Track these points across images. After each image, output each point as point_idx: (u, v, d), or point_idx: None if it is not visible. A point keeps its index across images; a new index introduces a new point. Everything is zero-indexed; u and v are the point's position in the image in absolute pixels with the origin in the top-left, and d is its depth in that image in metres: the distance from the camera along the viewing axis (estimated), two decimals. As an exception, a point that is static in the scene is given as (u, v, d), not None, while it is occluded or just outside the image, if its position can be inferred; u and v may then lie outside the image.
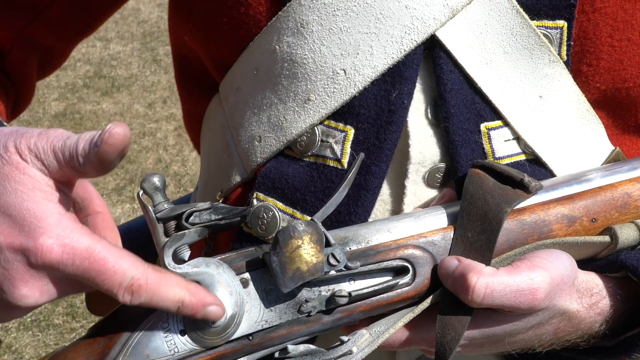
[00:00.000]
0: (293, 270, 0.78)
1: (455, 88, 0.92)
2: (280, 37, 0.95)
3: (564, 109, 0.96)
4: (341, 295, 0.82)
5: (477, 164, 0.90)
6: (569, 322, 0.87)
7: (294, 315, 0.82)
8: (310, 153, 0.97)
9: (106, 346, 0.78)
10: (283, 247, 0.78)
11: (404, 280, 0.84)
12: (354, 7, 0.92)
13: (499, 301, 0.81)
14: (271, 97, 0.98)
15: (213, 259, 0.81)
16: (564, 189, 0.91)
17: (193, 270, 0.79)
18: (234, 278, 0.80)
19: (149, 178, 0.79)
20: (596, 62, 0.95)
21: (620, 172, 0.92)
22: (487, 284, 0.80)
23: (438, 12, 0.91)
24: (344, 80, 0.93)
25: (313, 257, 0.79)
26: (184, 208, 0.79)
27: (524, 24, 0.93)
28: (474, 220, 0.85)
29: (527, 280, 0.81)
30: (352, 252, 0.84)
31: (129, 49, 6.02)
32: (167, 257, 0.78)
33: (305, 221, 0.80)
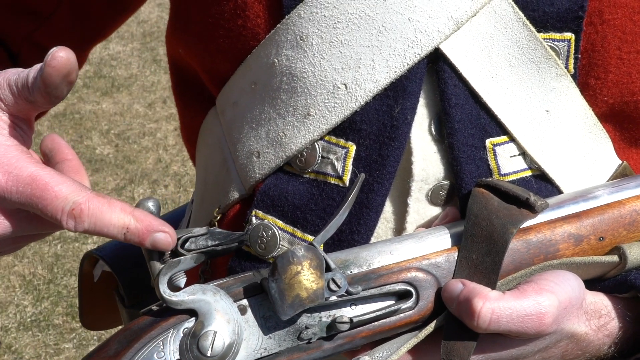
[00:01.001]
0: (292, 297, 0.76)
1: (460, 103, 0.90)
2: (279, 51, 0.93)
3: (570, 123, 0.94)
4: (342, 322, 0.80)
5: (481, 182, 0.88)
6: (576, 344, 0.85)
7: (293, 342, 0.80)
8: (310, 169, 0.95)
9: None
10: (282, 273, 0.76)
11: (407, 304, 0.82)
12: (356, 20, 0.90)
13: (506, 326, 0.79)
14: (270, 111, 0.96)
15: (210, 286, 0.79)
16: (571, 207, 0.89)
17: (189, 298, 0.77)
18: (232, 305, 0.78)
19: (143, 203, 0.77)
20: (604, 75, 0.93)
21: (628, 189, 0.90)
22: (493, 310, 0.78)
23: (442, 24, 0.88)
24: (345, 94, 0.91)
25: (313, 284, 0.76)
26: (179, 234, 0.77)
27: (531, 36, 0.90)
28: (479, 242, 0.83)
29: (534, 304, 0.79)
30: (353, 275, 0.82)
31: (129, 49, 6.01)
32: (162, 285, 0.76)
33: (305, 246, 0.78)
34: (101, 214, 0.75)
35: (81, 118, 5.10)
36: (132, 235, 0.76)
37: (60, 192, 0.75)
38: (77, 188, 0.76)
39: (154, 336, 0.77)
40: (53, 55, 0.74)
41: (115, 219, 0.75)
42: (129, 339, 0.78)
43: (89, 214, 0.75)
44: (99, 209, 0.75)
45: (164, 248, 0.77)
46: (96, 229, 0.75)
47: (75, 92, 5.41)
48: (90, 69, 5.71)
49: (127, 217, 0.76)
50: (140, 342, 0.77)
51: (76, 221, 0.75)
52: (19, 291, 3.68)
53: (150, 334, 0.77)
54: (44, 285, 3.72)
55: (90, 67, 5.74)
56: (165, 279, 0.76)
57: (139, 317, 0.79)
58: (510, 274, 0.85)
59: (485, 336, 0.81)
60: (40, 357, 3.34)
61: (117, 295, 1.29)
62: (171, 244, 0.77)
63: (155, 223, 0.76)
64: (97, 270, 1.31)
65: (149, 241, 0.76)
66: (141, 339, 0.77)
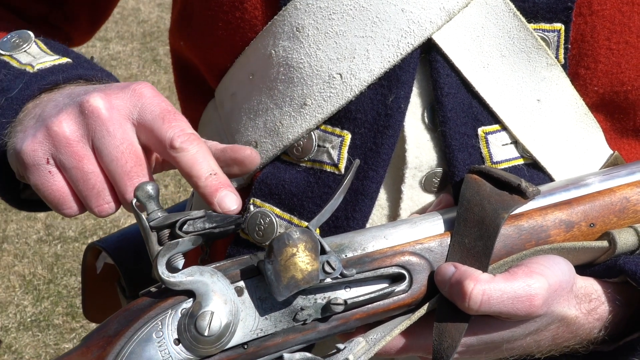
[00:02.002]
0: (288, 279, 0.77)
1: (452, 92, 0.92)
2: (276, 42, 0.95)
3: (562, 112, 0.96)
4: (337, 303, 0.81)
5: (473, 169, 0.90)
6: (567, 328, 0.87)
7: (289, 324, 0.81)
8: (307, 158, 0.96)
9: (99, 356, 0.78)
10: (278, 255, 0.77)
11: (401, 287, 0.84)
12: (350, 11, 0.91)
13: (496, 308, 0.80)
14: (267, 102, 0.97)
15: (207, 267, 0.80)
16: (562, 194, 0.90)
17: (187, 279, 0.78)
18: (229, 286, 0.80)
19: (142, 186, 0.79)
20: (594, 65, 0.94)
21: (619, 177, 0.92)
22: (484, 291, 0.79)
23: (435, 15, 0.90)
24: (340, 84, 0.93)
25: (308, 265, 0.78)
26: (177, 216, 0.78)
27: (521, 27, 0.92)
28: (471, 227, 0.84)
29: (524, 286, 0.80)
30: (348, 259, 0.84)
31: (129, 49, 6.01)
32: (160, 266, 0.77)
33: (300, 228, 0.79)
34: (204, 154, 0.83)
35: (81, 118, 5.09)
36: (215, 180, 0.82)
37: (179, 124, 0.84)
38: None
39: (152, 316, 0.79)
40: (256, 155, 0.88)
41: (211, 162, 0.83)
42: (128, 319, 0.79)
43: (198, 145, 0.83)
44: (204, 149, 0.83)
45: (229, 207, 0.82)
46: (197, 158, 0.82)
47: (76, 93, 5.40)
48: (90, 69, 5.70)
49: (218, 167, 0.83)
50: (139, 322, 0.78)
51: (182, 146, 0.82)
52: (19, 291, 3.68)
53: (149, 314, 0.79)
54: (44, 285, 3.71)
55: (90, 67, 5.72)
56: (164, 260, 0.78)
57: (138, 298, 0.81)
58: (502, 259, 0.86)
59: (476, 318, 0.83)
60: (40, 357, 3.34)
61: (119, 287, 1.30)
62: (235, 205, 0.82)
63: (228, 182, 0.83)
64: (99, 262, 1.33)
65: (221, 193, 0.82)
66: (140, 319, 0.79)
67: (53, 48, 1.00)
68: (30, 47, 1.00)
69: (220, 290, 0.79)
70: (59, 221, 4.08)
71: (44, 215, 4.09)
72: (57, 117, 0.84)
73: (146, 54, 5.91)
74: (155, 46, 5.95)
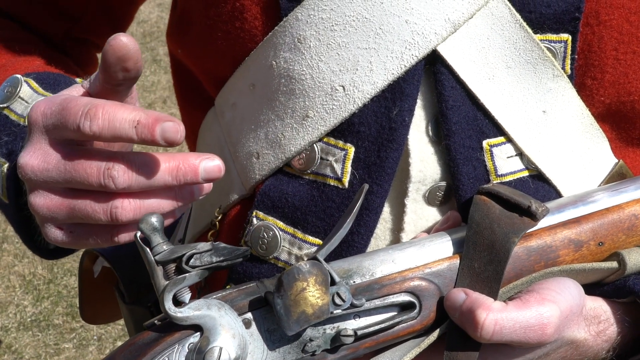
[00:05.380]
0: (298, 314, 0.76)
1: (457, 104, 0.90)
2: (277, 53, 0.93)
3: (567, 123, 0.95)
4: (347, 335, 0.80)
5: (482, 190, 0.88)
6: (576, 350, 0.86)
7: (298, 355, 0.80)
8: (309, 171, 0.95)
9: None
10: (287, 289, 0.76)
11: (410, 315, 0.83)
12: (353, 22, 0.90)
13: (508, 337, 0.79)
14: (268, 113, 0.96)
15: (214, 301, 0.78)
16: (571, 211, 0.89)
17: (194, 314, 0.77)
18: (237, 319, 0.78)
19: (147, 218, 0.76)
20: (601, 75, 0.93)
21: (627, 192, 0.90)
22: (496, 321, 0.78)
23: (439, 26, 0.89)
24: (343, 96, 0.91)
25: (319, 300, 0.77)
26: (183, 250, 0.76)
27: (528, 38, 0.91)
28: (481, 251, 0.83)
29: (536, 315, 0.79)
30: (356, 286, 0.82)
31: (129, 48, 6.00)
32: (167, 302, 0.76)
33: (310, 262, 0.78)
34: (114, 111, 0.77)
35: (81, 117, 5.10)
36: (142, 128, 0.76)
37: (81, 100, 0.78)
38: (91, 99, 0.79)
39: (159, 352, 0.77)
40: (114, 36, 0.79)
41: (127, 114, 0.76)
42: (134, 354, 0.77)
43: (104, 111, 0.76)
44: (112, 107, 0.77)
45: (173, 138, 0.76)
46: (109, 126, 0.76)
47: (76, 92, 5.41)
48: (90, 69, 5.71)
49: (138, 113, 0.77)
50: (145, 358, 0.77)
51: (91, 120, 0.76)
52: (19, 291, 3.68)
53: (156, 350, 0.77)
54: (44, 285, 3.71)
55: (90, 66, 5.74)
56: (170, 295, 0.76)
57: (142, 332, 0.79)
58: (511, 281, 0.85)
59: (487, 346, 0.82)
60: (40, 357, 3.34)
61: (117, 292, 1.30)
62: (178, 133, 0.77)
63: (162, 115, 0.77)
64: (97, 267, 1.32)
65: (158, 130, 0.76)
66: (147, 355, 0.77)
67: (45, 83, 1.00)
68: (22, 91, 1.00)
69: (228, 323, 0.78)
70: (59, 221, 4.08)
71: (44, 215, 4.10)
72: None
73: (146, 54, 5.90)
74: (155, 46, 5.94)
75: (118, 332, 3.43)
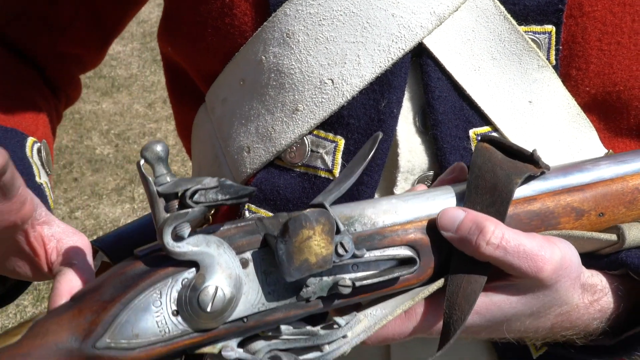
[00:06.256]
0: (301, 262, 0.74)
1: (444, 95, 0.92)
2: (267, 48, 0.95)
3: (554, 113, 0.96)
4: (345, 285, 0.78)
5: (484, 138, 0.87)
6: (567, 316, 0.86)
7: (292, 299, 0.78)
8: (300, 163, 0.96)
9: (93, 322, 0.74)
10: (293, 236, 0.74)
11: (409, 271, 0.81)
12: (340, 17, 0.91)
13: (510, 257, 0.78)
14: (259, 107, 0.97)
15: (214, 237, 0.76)
16: (576, 176, 0.87)
17: (192, 250, 0.74)
18: (234, 259, 0.76)
19: (152, 146, 0.72)
20: (585, 66, 0.94)
21: (632, 163, 0.89)
22: (504, 235, 0.78)
23: (425, 19, 0.90)
24: (332, 90, 0.93)
25: (323, 249, 0.75)
26: (188, 184, 0.73)
27: (512, 29, 0.92)
28: (483, 194, 0.82)
29: (540, 247, 0.79)
30: (357, 234, 0.80)
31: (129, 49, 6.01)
32: (166, 235, 0.73)
33: (319, 210, 0.75)
34: None
35: (81, 118, 5.10)
36: None
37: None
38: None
39: (151, 284, 0.75)
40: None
41: None
42: (124, 284, 0.75)
43: None
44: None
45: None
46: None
47: (75, 93, 5.41)
48: (89, 70, 5.71)
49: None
50: (136, 290, 0.75)
51: None
52: (20, 291, 3.69)
53: (148, 282, 0.75)
54: (44, 285, 3.71)
55: (89, 67, 5.74)
56: (170, 229, 0.73)
57: (131, 262, 0.77)
58: None
59: (481, 297, 0.81)
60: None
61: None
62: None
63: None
64: (97, 261, 1.32)
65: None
66: (138, 286, 0.74)
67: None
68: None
69: (226, 262, 0.75)
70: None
71: (45, 216, 4.10)
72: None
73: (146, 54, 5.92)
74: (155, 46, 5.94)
75: (119, 332, 3.44)
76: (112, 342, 0.74)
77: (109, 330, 0.74)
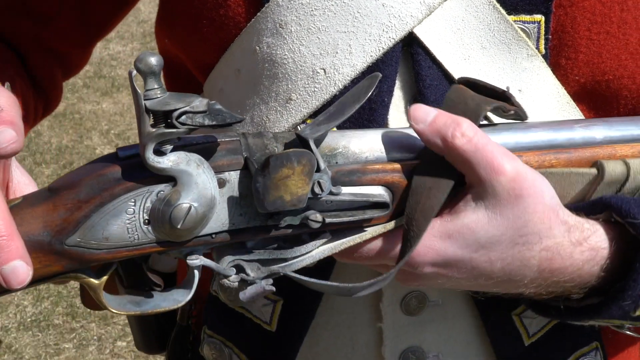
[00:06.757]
0: (275, 197, 0.75)
1: (434, 84, 0.93)
2: (260, 38, 0.96)
3: (543, 102, 0.97)
4: (315, 220, 0.79)
5: (460, 80, 0.88)
6: (553, 253, 0.84)
7: (262, 223, 0.79)
8: None
9: (66, 219, 0.75)
10: (272, 172, 0.74)
11: (382, 213, 0.82)
12: (332, 7, 0.93)
13: (478, 155, 0.79)
14: (254, 97, 0.99)
15: (195, 156, 0.76)
16: (564, 133, 0.88)
17: (172, 167, 0.75)
18: (212, 179, 0.77)
19: (145, 58, 0.72)
20: (575, 55, 0.95)
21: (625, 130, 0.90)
22: (476, 132, 0.79)
23: (415, 9, 0.91)
24: (324, 79, 0.94)
25: (299, 189, 0.75)
26: (177, 104, 0.72)
27: (501, 19, 0.93)
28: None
29: (504, 154, 0.80)
30: (338, 168, 0.80)
31: (129, 49, 6.03)
32: (148, 150, 0.74)
33: (301, 151, 0.76)
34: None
35: (81, 118, 5.12)
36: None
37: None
38: None
39: (126, 191, 0.76)
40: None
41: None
42: (101, 187, 0.75)
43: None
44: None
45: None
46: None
47: (75, 92, 5.43)
48: (90, 69, 5.72)
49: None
50: (112, 194, 0.75)
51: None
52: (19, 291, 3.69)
53: (124, 188, 0.76)
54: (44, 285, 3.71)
55: (90, 67, 5.75)
56: (152, 144, 0.74)
57: (112, 162, 0.77)
58: None
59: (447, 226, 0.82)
60: (40, 357, 3.34)
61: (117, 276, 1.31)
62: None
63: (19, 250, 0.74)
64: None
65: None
66: (114, 191, 0.76)
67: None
68: None
69: (203, 182, 0.76)
70: (59, 221, 4.09)
71: (45, 215, 4.10)
72: None
73: (145, 54, 5.92)
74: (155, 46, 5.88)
75: (118, 332, 3.44)
76: (81, 241, 0.75)
77: (79, 230, 0.75)
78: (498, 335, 1.01)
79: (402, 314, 1.00)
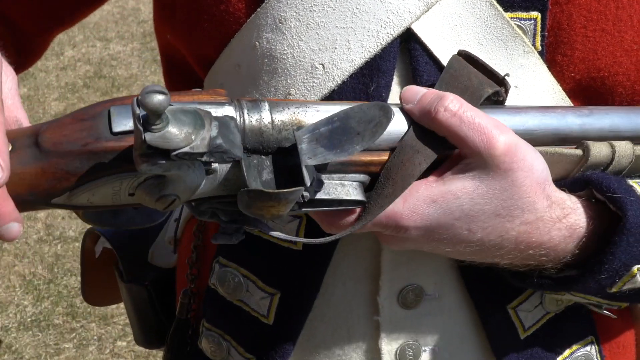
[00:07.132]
0: (256, 214, 0.77)
1: (432, 80, 0.94)
2: (260, 33, 0.97)
3: (539, 98, 0.98)
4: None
5: (461, 52, 0.91)
6: (533, 227, 0.86)
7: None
8: None
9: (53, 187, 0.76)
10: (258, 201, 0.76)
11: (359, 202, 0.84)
12: (331, 3, 0.94)
13: (464, 128, 0.81)
14: (253, 92, 1.00)
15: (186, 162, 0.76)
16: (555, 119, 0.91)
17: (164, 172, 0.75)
18: (202, 174, 0.77)
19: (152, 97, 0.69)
20: (570, 52, 0.96)
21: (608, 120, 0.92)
22: (463, 105, 0.82)
23: (413, 5, 0.93)
24: (323, 74, 0.95)
25: (280, 212, 0.77)
26: (178, 143, 0.71)
27: (498, 16, 0.94)
28: (453, 91, 0.86)
29: (496, 126, 0.82)
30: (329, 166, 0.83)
31: (129, 49, 6.04)
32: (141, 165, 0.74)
33: (292, 191, 0.76)
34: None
35: (81, 119, 5.11)
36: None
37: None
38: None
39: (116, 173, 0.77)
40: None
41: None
42: (91, 164, 0.76)
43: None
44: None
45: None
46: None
47: (76, 92, 5.43)
48: (90, 69, 5.73)
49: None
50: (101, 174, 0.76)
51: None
52: (19, 291, 3.69)
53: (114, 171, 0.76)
54: (44, 285, 3.72)
55: (90, 67, 5.76)
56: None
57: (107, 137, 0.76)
58: None
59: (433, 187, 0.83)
60: (40, 357, 3.34)
61: (117, 271, 1.32)
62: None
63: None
64: (98, 247, 1.35)
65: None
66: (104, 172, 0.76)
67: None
68: None
69: (192, 179, 0.77)
70: (59, 221, 4.10)
71: (44, 215, 4.11)
72: None
73: (146, 54, 5.94)
74: (155, 46, 5.96)
75: (118, 332, 3.44)
76: (66, 202, 0.78)
77: (65, 195, 0.77)
78: (494, 329, 1.02)
79: (399, 307, 1.01)
